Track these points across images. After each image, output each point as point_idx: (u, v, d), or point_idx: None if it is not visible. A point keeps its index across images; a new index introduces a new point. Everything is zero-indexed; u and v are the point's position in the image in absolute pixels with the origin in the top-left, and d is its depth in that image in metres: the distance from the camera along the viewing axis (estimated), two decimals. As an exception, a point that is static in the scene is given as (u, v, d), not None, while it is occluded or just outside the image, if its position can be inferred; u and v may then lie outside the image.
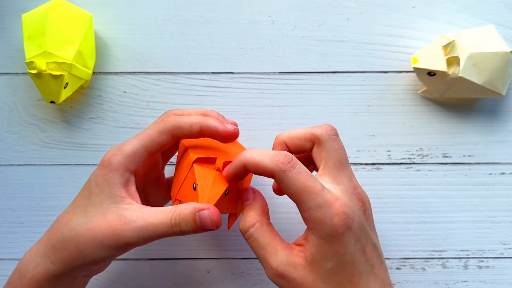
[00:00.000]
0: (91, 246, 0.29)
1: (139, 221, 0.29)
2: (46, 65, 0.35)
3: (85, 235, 0.30)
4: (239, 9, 0.41)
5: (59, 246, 0.31)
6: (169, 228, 0.29)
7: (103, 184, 0.31)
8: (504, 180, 0.41)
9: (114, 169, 0.31)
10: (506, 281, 0.41)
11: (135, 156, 0.31)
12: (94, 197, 0.31)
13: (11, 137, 0.41)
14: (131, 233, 0.29)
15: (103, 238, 0.29)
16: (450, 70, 0.37)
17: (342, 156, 0.31)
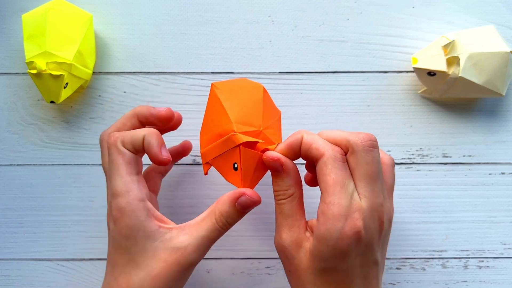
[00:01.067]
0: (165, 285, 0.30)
1: (192, 242, 0.30)
2: (46, 65, 0.35)
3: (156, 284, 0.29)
4: (239, 9, 0.41)
5: None
6: (220, 231, 0.31)
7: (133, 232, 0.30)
8: (504, 180, 0.41)
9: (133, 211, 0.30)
10: (506, 281, 0.41)
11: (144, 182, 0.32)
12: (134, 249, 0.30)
13: (11, 137, 0.41)
14: (191, 256, 0.30)
15: (172, 276, 0.30)
16: (450, 70, 0.37)
17: (373, 170, 0.29)
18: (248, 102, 0.32)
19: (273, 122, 0.33)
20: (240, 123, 0.31)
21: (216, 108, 0.32)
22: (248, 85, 0.33)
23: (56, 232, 0.41)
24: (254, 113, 0.32)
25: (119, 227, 0.30)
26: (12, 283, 0.41)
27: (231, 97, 0.32)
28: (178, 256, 0.30)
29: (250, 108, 0.32)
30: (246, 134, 0.31)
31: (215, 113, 0.32)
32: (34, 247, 0.41)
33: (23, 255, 0.41)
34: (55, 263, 0.41)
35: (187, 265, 0.30)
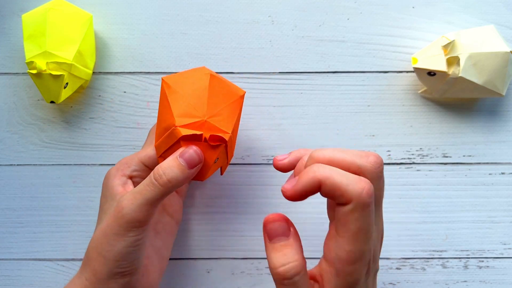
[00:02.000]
0: (105, 244, 0.31)
1: (127, 196, 0.30)
2: (46, 65, 0.35)
3: (99, 237, 0.31)
4: (239, 9, 0.41)
5: (86, 260, 0.32)
6: (155, 185, 0.30)
7: (107, 192, 0.33)
8: (504, 180, 0.41)
9: (112, 176, 0.33)
10: (506, 281, 0.41)
11: (130, 163, 0.34)
12: (103, 207, 0.33)
13: (11, 137, 0.41)
14: (125, 210, 0.30)
15: (109, 230, 0.31)
16: (450, 70, 0.37)
17: (382, 195, 0.28)
18: (192, 92, 0.32)
19: (223, 108, 0.33)
20: (182, 116, 0.32)
21: (163, 102, 0.33)
22: (195, 74, 0.33)
23: (56, 232, 0.41)
24: (198, 103, 0.32)
25: (102, 187, 0.34)
26: (12, 283, 0.41)
27: (175, 90, 0.32)
28: (115, 210, 0.30)
29: (193, 98, 0.32)
30: (188, 126, 0.31)
31: (162, 107, 0.33)
32: (34, 247, 0.41)
33: (23, 255, 0.41)
34: (55, 263, 0.41)
35: (121, 219, 0.30)
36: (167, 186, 0.30)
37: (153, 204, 0.30)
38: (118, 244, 0.30)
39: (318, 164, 0.26)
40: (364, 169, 0.26)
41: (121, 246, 0.30)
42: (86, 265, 0.32)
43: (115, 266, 0.30)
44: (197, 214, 0.41)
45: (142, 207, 0.30)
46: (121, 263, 0.31)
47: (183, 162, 0.30)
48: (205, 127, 0.32)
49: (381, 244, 0.30)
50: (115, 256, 0.30)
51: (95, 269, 0.31)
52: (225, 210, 0.41)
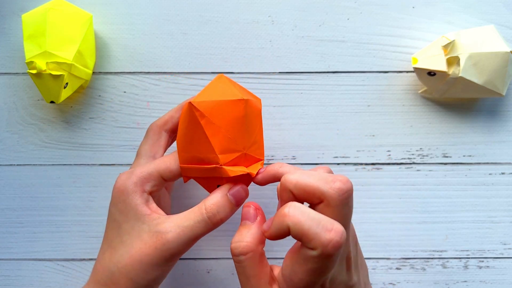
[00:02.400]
0: (141, 271, 0.30)
1: (174, 230, 0.30)
2: (46, 65, 0.35)
3: (132, 263, 0.30)
4: (239, 9, 0.41)
5: (110, 283, 0.31)
6: (207, 223, 0.30)
7: (126, 209, 0.31)
8: (504, 180, 0.41)
9: (132, 192, 0.31)
10: (506, 281, 0.41)
11: (150, 179, 0.32)
12: (124, 225, 0.31)
13: (11, 137, 0.41)
14: (171, 244, 0.29)
15: (148, 259, 0.30)
16: (450, 70, 0.37)
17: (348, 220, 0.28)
18: (230, 123, 0.31)
19: (256, 133, 0.33)
20: (223, 152, 0.31)
21: (197, 132, 0.31)
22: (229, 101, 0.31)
23: (56, 232, 0.41)
24: (237, 136, 0.31)
25: (117, 200, 0.31)
26: (12, 283, 0.41)
27: (212, 120, 0.31)
28: (157, 240, 0.29)
29: (232, 130, 0.31)
30: (231, 162, 0.31)
31: (196, 137, 0.31)
32: (34, 247, 0.41)
33: (23, 255, 0.41)
34: (55, 263, 0.41)
35: (165, 252, 0.29)
36: (219, 224, 0.30)
37: (198, 239, 0.30)
38: (155, 273, 0.30)
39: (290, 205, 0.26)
40: (328, 196, 0.26)
41: (157, 275, 0.30)
42: (106, 286, 0.31)
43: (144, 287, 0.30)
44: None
45: (189, 242, 0.30)
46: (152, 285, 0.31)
47: (233, 200, 0.30)
48: (245, 159, 0.32)
49: (366, 269, 0.31)
50: (148, 282, 0.30)
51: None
52: (225, 210, 0.41)
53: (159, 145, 0.35)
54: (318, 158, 0.41)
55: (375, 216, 0.41)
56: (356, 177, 0.41)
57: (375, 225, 0.41)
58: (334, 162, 0.41)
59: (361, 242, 0.41)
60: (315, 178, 0.27)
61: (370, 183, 0.41)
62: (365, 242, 0.41)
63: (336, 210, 0.26)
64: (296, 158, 0.41)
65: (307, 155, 0.41)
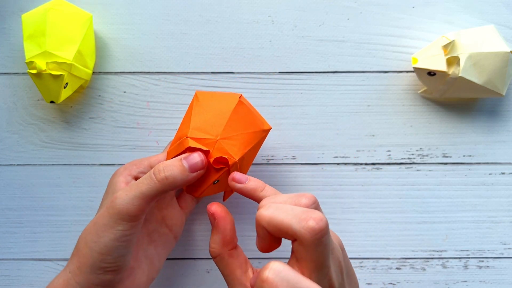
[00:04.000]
0: (94, 234, 0.30)
1: (124, 189, 0.31)
2: (46, 65, 0.35)
3: (89, 227, 0.31)
4: (239, 9, 0.41)
5: (74, 252, 0.32)
6: (152, 179, 0.30)
7: (110, 188, 0.33)
8: (504, 180, 0.41)
9: (118, 174, 0.34)
10: (506, 281, 0.41)
11: (139, 165, 0.34)
12: (103, 202, 0.34)
13: (11, 137, 0.41)
14: (118, 200, 0.30)
15: (100, 220, 0.31)
16: (450, 70, 0.37)
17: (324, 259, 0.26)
18: (216, 111, 0.33)
19: (239, 134, 0.33)
20: (197, 129, 0.32)
21: (188, 113, 0.34)
22: (227, 96, 0.34)
23: (56, 232, 0.41)
24: (216, 122, 0.33)
25: (108, 184, 0.34)
26: (12, 283, 0.41)
27: (203, 105, 0.33)
28: (111, 202, 0.30)
29: (214, 116, 0.33)
30: (198, 141, 0.32)
31: (185, 117, 0.34)
32: (34, 247, 0.41)
33: (23, 255, 0.41)
34: (55, 263, 0.41)
35: (113, 209, 0.30)
36: (164, 182, 0.30)
37: (146, 199, 0.30)
38: (106, 236, 0.30)
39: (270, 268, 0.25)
40: (300, 236, 0.25)
41: (108, 239, 0.30)
42: (73, 257, 0.32)
43: (99, 259, 0.30)
44: (197, 214, 0.41)
45: (135, 199, 0.30)
46: (106, 257, 0.30)
47: (185, 163, 0.31)
48: (215, 147, 0.32)
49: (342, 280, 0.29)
50: (101, 249, 0.30)
51: (79, 261, 0.31)
52: (225, 210, 0.41)
53: None
54: (318, 158, 0.41)
55: (375, 216, 0.41)
56: (356, 177, 0.41)
57: (375, 225, 0.41)
58: (334, 162, 0.41)
59: (361, 242, 0.41)
60: (288, 215, 0.26)
61: (370, 183, 0.41)
62: (365, 242, 0.41)
63: (310, 249, 0.25)
64: (296, 158, 0.41)
65: (307, 155, 0.41)
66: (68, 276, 0.31)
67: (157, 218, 0.37)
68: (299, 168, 0.41)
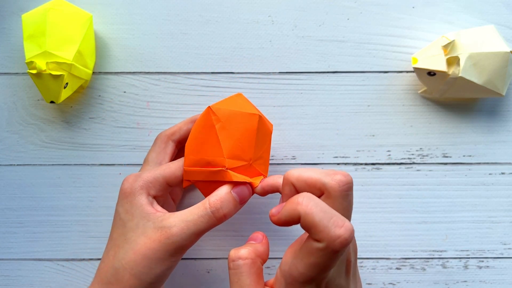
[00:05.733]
0: (145, 266, 0.30)
1: (179, 224, 0.30)
2: (46, 65, 0.35)
3: (136, 258, 0.30)
4: (239, 9, 0.41)
5: (114, 281, 0.31)
6: (210, 218, 0.30)
7: (132, 208, 0.32)
8: (504, 180, 0.41)
9: (138, 193, 0.32)
10: (506, 281, 0.41)
11: (156, 183, 0.33)
12: (129, 224, 0.32)
13: (11, 137, 0.41)
14: (175, 237, 0.30)
15: (152, 254, 0.30)
16: (450, 70, 0.37)
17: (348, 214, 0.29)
18: (242, 133, 0.33)
19: (264, 150, 0.34)
20: (232, 157, 0.32)
21: (210, 134, 0.33)
22: (244, 112, 0.33)
23: (56, 232, 0.41)
24: (246, 145, 0.33)
25: (124, 201, 0.32)
26: (12, 283, 0.41)
27: (226, 126, 0.33)
28: (162, 235, 0.30)
29: (243, 139, 0.33)
30: (236, 169, 0.32)
31: (208, 139, 0.33)
32: (34, 247, 0.41)
33: (23, 255, 0.41)
34: (55, 263, 0.41)
35: (169, 245, 0.30)
36: (222, 220, 0.31)
37: (202, 234, 0.31)
38: (159, 268, 0.30)
39: (304, 195, 0.26)
40: (329, 187, 0.27)
41: (161, 270, 0.30)
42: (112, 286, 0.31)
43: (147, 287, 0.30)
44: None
45: (193, 236, 0.30)
46: (154, 285, 0.31)
47: (237, 197, 0.31)
48: (249, 170, 0.33)
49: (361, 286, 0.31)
50: (152, 279, 0.30)
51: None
52: (225, 210, 0.41)
53: (166, 153, 0.36)
54: (318, 158, 0.41)
55: (375, 216, 0.41)
56: (356, 177, 0.41)
57: (375, 225, 0.41)
58: (334, 162, 0.41)
59: (361, 242, 0.41)
60: (316, 171, 0.28)
61: (370, 183, 0.41)
62: (365, 242, 0.41)
63: (337, 201, 0.27)
64: (296, 158, 0.41)
65: (307, 155, 0.41)
66: None
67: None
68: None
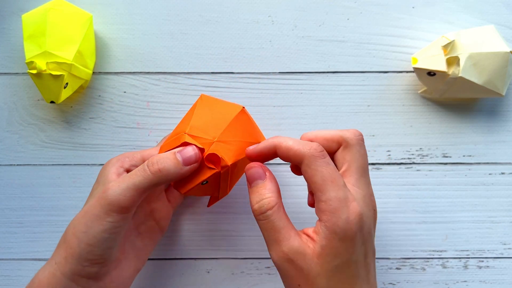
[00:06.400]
0: (83, 224, 0.30)
1: (117, 180, 0.30)
2: (46, 65, 0.35)
3: (78, 217, 0.31)
4: (239, 9, 0.41)
5: (61, 242, 0.31)
6: (145, 171, 0.30)
7: (101, 178, 0.33)
8: (504, 180, 0.41)
9: (110, 165, 0.33)
10: (506, 281, 0.41)
11: (132, 158, 0.34)
12: (93, 192, 0.33)
13: (11, 137, 0.41)
14: (109, 191, 0.30)
15: (90, 210, 0.30)
16: (450, 70, 0.37)
17: (365, 162, 0.31)
18: (218, 114, 0.34)
19: (236, 140, 0.33)
20: (196, 128, 0.33)
21: (189, 112, 0.35)
22: (230, 105, 0.35)
23: (56, 232, 0.41)
24: (216, 126, 0.33)
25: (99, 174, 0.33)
26: (12, 283, 0.41)
27: (205, 108, 0.34)
28: (103, 192, 0.30)
29: (215, 120, 0.33)
30: (195, 138, 0.32)
31: (185, 117, 0.34)
32: (34, 247, 0.41)
33: (23, 255, 0.41)
34: (55, 263, 0.41)
35: (104, 200, 0.30)
36: (157, 175, 0.30)
37: (138, 191, 0.30)
38: (95, 227, 0.30)
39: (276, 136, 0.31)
40: (347, 137, 0.31)
41: (97, 230, 0.30)
42: (60, 247, 0.31)
43: (87, 250, 0.30)
44: (197, 214, 0.41)
45: (127, 191, 0.30)
46: (93, 248, 0.30)
47: (179, 157, 0.31)
48: (210, 148, 0.32)
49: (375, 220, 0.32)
50: (89, 240, 0.30)
51: (66, 252, 0.30)
52: (225, 210, 0.41)
53: None
54: (318, 158, 0.41)
55: (375, 216, 0.41)
56: (356, 177, 0.41)
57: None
58: (334, 162, 0.41)
59: (361, 242, 0.41)
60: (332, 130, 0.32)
61: (370, 183, 0.41)
62: (365, 242, 0.41)
63: (355, 149, 0.31)
64: (296, 158, 0.41)
65: (307, 155, 0.41)
66: (54, 268, 0.31)
67: (146, 211, 0.37)
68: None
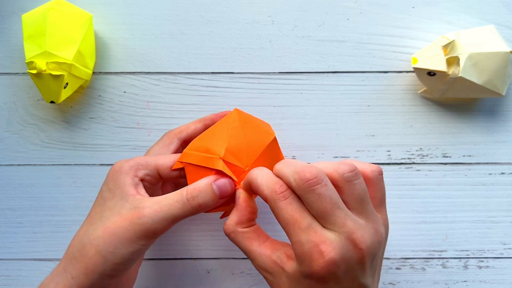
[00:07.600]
0: (111, 245, 0.29)
1: (152, 206, 0.29)
2: (46, 65, 0.35)
3: (104, 235, 0.29)
4: (239, 9, 0.41)
5: (78, 256, 0.30)
6: (184, 204, 0.30)
7: (115, 187, 0.31)
8: (504, 180, 0.41)
9: (124, 173, 0.31)
10: (506, 281, 0.41)
11: (146, 166, 0.32)
12: (108, 203, 0.31)
13: (11, 137, 0.41)
14: (146, 219, 0.29)
15: (120, 232, 0.29)
16: (450, 70, 0.37)
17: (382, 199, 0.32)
18: (252, 141, 0.33)
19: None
20: (231, 153, 0.32)
21: (223, 128, 0.33)
22: (263, 128, 0.34)
23: (56, 232, 0.41)
24: (250, 153, 0.33)
25: (109, 179, 0.32)
26: (12, 283, 0.41)
27: (241, 128, 0.33)
28: (134, 214, 0.29)
29: (249, 146, 0.33)
30: (229, 166, 0.32)
31: (219, 132, 0.33)
32: (34, 247, 0.41)
33: (23, 255, 0.41)
34: (55, 263, 0.41)
35: (139, 226, 0.29)
36: (197, 209, 0.30)
37: (175, 221, 0.30)
38: (125, 249, 0.29)
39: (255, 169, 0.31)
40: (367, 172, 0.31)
41: (127, 252, 0.29)
42: (76, 261, 0.30)
43: (111, 268, 0.29)
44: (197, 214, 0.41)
45: (164, 221, 0.29)
46: (120, 266, 0.30)
47: (216, 190, 0.30)
48: (240, 175, 0.32)
49: (384, 245, 0.31)
50: (117, 259, 0.29)
51: (87, 268, 0.29)
52: (225, 210, 0.41)
53: (169, 148, 0.36)
54: (318, 158, 0.41)
55: (375, 216, 0.41)
56: (356, 177, 0.41)
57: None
58: (334, 162, 0.41)
59: (361, 242, 0.41)
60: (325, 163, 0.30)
61: (370, 183, 0.41)
62: (365, 242, 0.41)
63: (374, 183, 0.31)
64: (296, 158, 0.41)
65: (307, 155, 0.41)
66: (70, 282, 0.30)
67: None
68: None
